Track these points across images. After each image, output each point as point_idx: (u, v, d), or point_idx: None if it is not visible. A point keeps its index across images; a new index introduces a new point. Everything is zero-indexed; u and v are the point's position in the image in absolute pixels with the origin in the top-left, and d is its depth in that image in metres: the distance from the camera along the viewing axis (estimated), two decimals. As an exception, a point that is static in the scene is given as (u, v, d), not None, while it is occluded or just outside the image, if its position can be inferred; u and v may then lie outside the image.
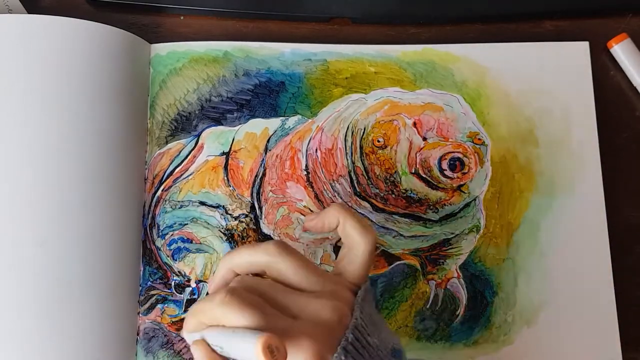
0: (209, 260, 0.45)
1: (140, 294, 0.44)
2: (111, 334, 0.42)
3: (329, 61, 0.48)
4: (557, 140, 0.47)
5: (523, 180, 0.46)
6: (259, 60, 0.48)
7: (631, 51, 0.48)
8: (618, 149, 0.48)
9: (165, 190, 0.46)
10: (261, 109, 0.47)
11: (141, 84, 0.46)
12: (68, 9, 0.48)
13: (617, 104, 0.49)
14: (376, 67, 0.48)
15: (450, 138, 0.47)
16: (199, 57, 0.47)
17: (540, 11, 0.49)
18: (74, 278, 0.41)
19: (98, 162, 0.42)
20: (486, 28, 0.49)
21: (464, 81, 0.48)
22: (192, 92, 0.47)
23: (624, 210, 0.47)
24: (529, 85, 0.48)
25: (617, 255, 0.45)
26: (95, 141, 0.42)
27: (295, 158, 0.46)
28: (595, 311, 0.44)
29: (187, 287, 0.44)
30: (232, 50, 0.48)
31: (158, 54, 0.47)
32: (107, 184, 0.43)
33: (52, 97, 0.42)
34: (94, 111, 0.43)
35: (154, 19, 0.49)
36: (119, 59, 0.44)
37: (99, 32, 0.44)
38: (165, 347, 0.43)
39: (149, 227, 0.45)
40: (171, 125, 0.46)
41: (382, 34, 0.49)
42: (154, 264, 0.45)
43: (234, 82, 0.47)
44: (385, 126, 0.47)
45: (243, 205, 0.46)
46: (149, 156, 0.46)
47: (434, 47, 0.48)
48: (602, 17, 0.50)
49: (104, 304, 0.41)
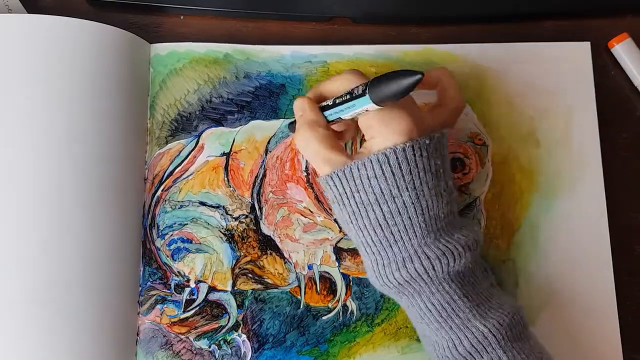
0: (209, 260, 0.45)
1: (140, 294, 0.44)
2: (111, 334, 0.42)
3: (329, 63, 0.48)
4: (558, 140, 0.47)
5: (524, 180, 0.46)
6: (259, 63, 0.48)
7: (632, 51, 0.48)
8: (619, 149, 0.48)
9: (165, 190, 0.46)
10: (262, 111, 0.47)
11: (141, 84, 0.46)
12: (68, 9, 0.48)
13: (618, 104, 0.48)
14: (377, 68, 0.47)
15: (451, 139, 0.47)
16: (199, 58, 0.47)
17: (540, 11, 0.49)
18: (73, 278, 0.41)
19: (98, 161, 0.42)
20: (486, 28, 0.49)
21: (464, 81, 0.47)
22: (192, 93, 0.47)
23: (625, 210, 0.46)
24: (530, 85, 0.47)
25: (618, 256, 0.45)
26: (95, 141, 0.42)
27: (296, 159, 0.46)
28: (596, 312, 0.44)
29: (186, 288, 0.44)
30: (232, 52, 0.47)
31: (158, 54, 0.47)
32: (107, 184, 0.43)
33: (52, 97, 0.42)
34: (94, 111, 0.43)
35: (154, 19, 0.49)
36: (119, 59, 0.44)
37: (99, 32, 0.44)
38: (164, 347, 0.43)
39: (149, 227, 0.45)
40: (171, 126, 0.46)
41: (382, 34, 0.49)
42: (154, 264, 0.45)
43: (234, 83, 0.47)
44: (385, 126, 0.47)
45: (243, 206, 0.46)
46: (149, 156, 0.46)
47: (434, 47, 0.48)
48: (603, 17, 0.50)
49: (104, 304, 0.41)
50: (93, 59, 0.43)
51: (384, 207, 0.36)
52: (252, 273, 0.45)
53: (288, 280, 0.45)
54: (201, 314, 0.44)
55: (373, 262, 0.37)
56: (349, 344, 0.44)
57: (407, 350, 0.44)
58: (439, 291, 0.36)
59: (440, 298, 0.36)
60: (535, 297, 0.44)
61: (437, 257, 0.35)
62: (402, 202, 0.35)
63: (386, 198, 0.35)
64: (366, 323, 0.44)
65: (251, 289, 0.44)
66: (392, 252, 0.36)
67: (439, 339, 0.37)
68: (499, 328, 0.35)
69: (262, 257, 0.45)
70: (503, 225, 0.46)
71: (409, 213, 0.35)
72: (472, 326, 0.35)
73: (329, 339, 0.44)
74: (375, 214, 0.36)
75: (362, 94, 0.35)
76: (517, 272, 0.45)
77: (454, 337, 0.36)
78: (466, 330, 0.36)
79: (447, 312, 0.36)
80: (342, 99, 0.37)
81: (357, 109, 0.36)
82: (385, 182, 0.35)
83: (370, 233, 0.37)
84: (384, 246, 0.36)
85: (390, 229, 0.36)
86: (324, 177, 0.37)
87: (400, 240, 0.36)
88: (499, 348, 0.35)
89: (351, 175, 0.36)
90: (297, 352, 0.44)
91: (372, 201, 0.36)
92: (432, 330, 0.37)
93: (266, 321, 0.44)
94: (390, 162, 0.35)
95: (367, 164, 0.35)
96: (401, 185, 0.35)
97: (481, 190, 0.46)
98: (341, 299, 0.45)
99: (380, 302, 0.45)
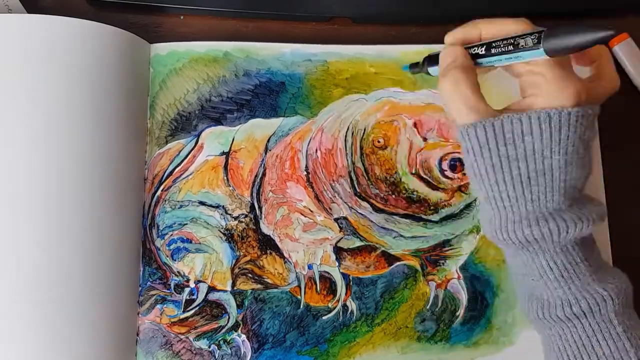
0: (208, 260, 0.45)
1: (140, 294, 0.44)
2: (111, 334, 0.42)
3: (329, 62, 0.48)
4: (558, 140, 0.47)
5: (524, 180, 0.46)
6: (259, 61, 0.47)
7: (632, 51, 0.48)
8: (619, 149, 0.47)
9: (165, 190, 0.46)
10: (261, 109, 0.47)
11: (141, 83, 0.46)
12: (68, 9, 0.48)
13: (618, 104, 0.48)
14: (376, 68, 0.47)
15: (451, 138, 0.47)
16: (199, 57, 0.47)
17: (540, 11, 0.49)
18: (73, 278, 0.40)
19: (98, 161, 0.42)
20: (487, 28, 0.49)
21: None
22: (192, 92, 0.47)
23: (625, 210, 0.46)
24: (530, 85, 0.47)
25: (619, 256, 0.45)
26: (95, 141, 0.42)
27: (295, 158, 0.46)
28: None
29: (186, 288, 0.44)
30: (232, 50, 0.47)
31: (158, 54, 0.47)
32: (107, 184, 0.43)
33: (51, 97, 0.42)
34: (94, 111, 0.43)
35: (154, 19, 0.49)
36: (119, 58, 0.44)
37: (99, 32, 0.44)
38: (164, 347, 0.43)
39: (149, 227, 0.45)
40: (171, 125, 0.46)
41: (382, 34, 0.49)
42: (154, 264, 0.45)
43: (234, 82, 0.47)
44: (385, 127, 0.47)
45: (243, 205, 0.45)
46: (148, 156, 0.46)
47: (434, 47, 0.48)
48: (603, 17, 0.50)
49: (104, 304, 0.41)
50: (93, 59, 0.43)
51: (531, 165, 0.35)
52: (251, 273, 0.45)
53: (288, 280, 0.45)
54: (201, 314, 0.44)
55: (502, 217, 0.37)
56: (349, 344, 0.44)
57: (407, 350, 0.44)
58: (563, 252, 0.36)
59: (564, 258, 0.36)
60: (535, 297, 0.44)
61: (572, 221, 0.36)
62: (550, 164, 0.35)
63: (536, 157, 0.35)
64: (366, 323, 0.44)
65: (251, 289, 0.44)
66: (525, 210, 0.36)
67: (553, 297, 0.37)
68: (617, 293, 0.36)
69: (261, 256, 0.45)
70: (503, 225, 0.46)
71: (554, 176, 0.35)
72: (592, 289, 0.36)
73: (328, 339, 0.44)
74: (519, 170, 0.36)
75: (534, 46, 0.34)
76: (517, 272, 0.45)
77: (571, 297, 0.36)
78: (585, 292, 0.36)
79: (568, 272, 0.36)
80: (501, 48, 0.36)
81: (523, 60, 0.35)
82: (541, 142, 0.35)
83: (507, 188, 0.36)
84: (519, 203, 0.36)
85: (531, 188, 0.36)
86: (468, 125, 0.36)
87: (538, 200, 0.36)
88: (612, 312, 0.36)
89: (502, 129, 0.35)
90: (297, 352, 0.44)
91: (520, 157, 0.35)
92: (546, 289, 0.37)
93: (266, 321, 0.44)
94: (552, 123, 0.35)
95: (524, 120, 0.35)
96: (554, 148, 0.35)
97: (481, 190, 0.46)
98: (341, 299, 0.45)
99: (380, 302, 0.45)
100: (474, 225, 0.46)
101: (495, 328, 0.44)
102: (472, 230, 0.46)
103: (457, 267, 0.45)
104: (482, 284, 0.45)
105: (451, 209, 0.46)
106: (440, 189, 0.46)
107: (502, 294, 0.45)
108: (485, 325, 0.44)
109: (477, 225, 0.46)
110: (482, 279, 0.45)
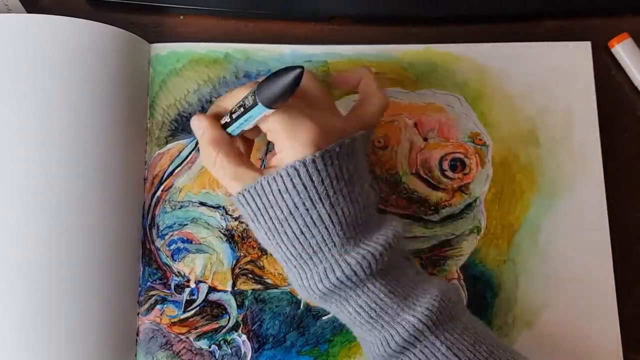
0: (209, 260, 0.45)
1: (140, 295, 0.44)
2: (111, 334, 0.42)
3: (330, 62, 0.48)
4: (559, 140, 0.47)
5: (524, 180, 0.46)
6: (259, 62, 0.47)
7: (632, 51, 0.48)
8: (619, 149, 0.47)
9: (165, 190, 0.46)
10: (261, 110, 0.47)
11: (141, 84, 0.46)
12: (68, 9, 0.48)
13: (618, 104, 0.48)
14: (377, 68, 0.47)
15: (451, 138, 0.47)
16: (199, 58, 0.47)
17: (541, 11, 0.49)
18: (73, 278, 0.40)
19: (97, 162, 0.42)
20: (487, 28, 0.49)
21: (465, 81, 0.47)
22: (192, 93, 0.47)
23: (626, 210, 0.46)
24: (531, 85, 0.47)
25: (619, 256, 0.45)
26: (95, 141, 0.42)
27: (296, 158, 0.46)
28: (597, 312, 0.44)
29: (186, 288, 0.44)
30: (232, 51, 0.47)
31: (158, 54, 0.47)
32: (107, 184, 0.42)
33: (51, 97, 0.42)
34: (94, 111, 0.43)
35: (154, 19, 0.49)
36: (119, 58, 0.44)
37: (99, 32, 0.44)
38: (164, 347, 0.43)
39: (149, 228, 0.45)
40: (171, 126, 0.46)
41: (382, 34, 0.49)
42: (154, 264, 0.45)
43: (234, 83, 0.47)
44: (386, 127, 0.47)
45: (243, 206, 0.45)
46: (148, 156, 0.46)
47: (435, 47, 0.48)
48: (603, 17, 0.50)
49: (104, 304, 0.41)
50: (93, 59, 0.43)
51: (299, 220, 0.35)
52: (252, 273, 0.45)
53: (288, 281, 0.45)
54: (201, 314, 0.44)
55: (296, 276, 0.37)
56: (349, 344, 0.44)
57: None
58: (365, 293, 0.36)
59: (367, 299, 0.36)
60: (535, 297, 0.44)
61: (358, 263, 0.35)
62: (317, 214, 0.35)
63: (301, 211, 0.35)
64: (366, 323, 0.44)
65: (251, 289, 0.44)
66: (312, 263, 0.36)
67: (373, 338, 0.37)
68: (429, 315, 0.35)
69: (262, 257, 0.45)
70: (503, 225, 0.46)
71: (325, 224, 0.35)
72: (402, 320, 0.35)
73: (329, 339, 0.44)
74: (291, 228, 0.35)
75: (253, 103, 0.34)
76: (517, 273, 0.45)
77: (386, 334, 0.36)
78: (397, 325, 0.35)
79: (376, 312, 0.36)
80: (238, 112, 0.36)
81: (255, 119, 0.35)
82: (298, 196, 0.34)
83: (289, 248, 0.36)
84: (304, 259, 0.36)
85: (308, 242, 0.35)
86: (235, 196, 0.37)
87: (320, 252, 0.36)
88: (430, 334, 0.35)
89: (262, 191, 0.35)
90: (297, 352, 0.44)
91: (286, 216, 0.35)
92: (365, 332, 0.37)
93: (266, 321, 0.44)
94: (300, 175, 0.34)
95: (277, 179, 0.35)
96: (314, 197, 0.34)
97: (481, 190, 0.46)
98: (341, 299, 0.45)
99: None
100: (474, 225, 0.46)
101: (496, 328, 0.44)
102: (472, 231, 0.46)
103: (457, 267, 0.45)
104: (483, 284, 0.45)
105: (451, 209, 0.46)
106: (440, 189, 0.46)
107: (502, 294, 0.45)
108: (486, 325, 0.44)
109: (477, 226, 0.46)
110: (482, 279, 0.45)
